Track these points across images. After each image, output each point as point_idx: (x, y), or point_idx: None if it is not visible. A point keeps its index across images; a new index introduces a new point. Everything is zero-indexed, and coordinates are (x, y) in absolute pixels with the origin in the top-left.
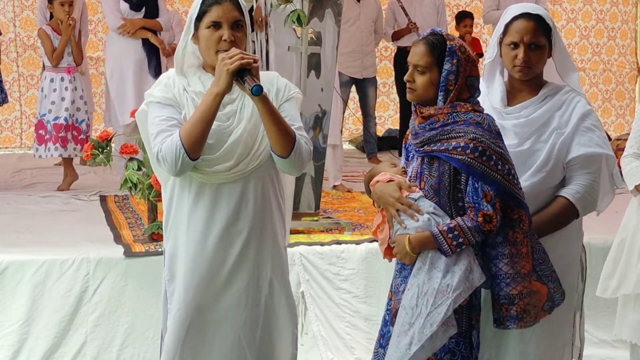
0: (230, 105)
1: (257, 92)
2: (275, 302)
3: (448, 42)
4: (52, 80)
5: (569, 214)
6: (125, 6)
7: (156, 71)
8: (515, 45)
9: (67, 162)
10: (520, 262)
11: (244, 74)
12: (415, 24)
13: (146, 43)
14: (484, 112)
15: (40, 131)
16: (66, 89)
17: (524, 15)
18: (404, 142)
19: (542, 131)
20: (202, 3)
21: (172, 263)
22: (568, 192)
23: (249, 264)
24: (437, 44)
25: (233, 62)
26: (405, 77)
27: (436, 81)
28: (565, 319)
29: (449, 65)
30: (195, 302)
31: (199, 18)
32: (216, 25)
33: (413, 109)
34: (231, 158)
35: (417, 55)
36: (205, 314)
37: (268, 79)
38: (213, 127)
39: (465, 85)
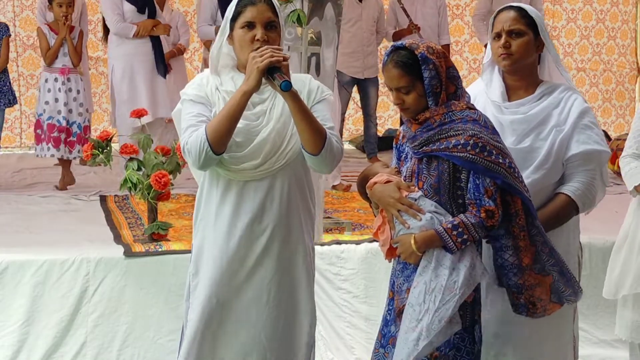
0: (261, 106)
1: (286, 88)
2: (297, 302)
3: (416, 52)
4: (46, 81)
5: (570, 210)
6: (130, 8)
7: (164, 71)
8: (499, 36)
9: (64, 163)
10: (520, 255)
11: (274, 72)
12: (416, 25)
13: (155, 44)
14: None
15: (38, 130)
16: (59, 90)
17: (506, 8)
18: (394, 143)
19: (541, 129)
20: (238, 4)
21: (198, 257)
22: (569, 189)
23: (272, 262)
24: (407, 61)
25: (263, 59)
26: (394, 102)
27: (423, 92)
28: (566, 317)
29: (427, 72)
30: (217, 296)
31: (234, 19)
32: (250, 25)
33: (405, 119)
34: (258, 156)
35: (395, 79)
36: (227, 309)
37: (300, 81)
38: (242, 125)
39: (448, 79)
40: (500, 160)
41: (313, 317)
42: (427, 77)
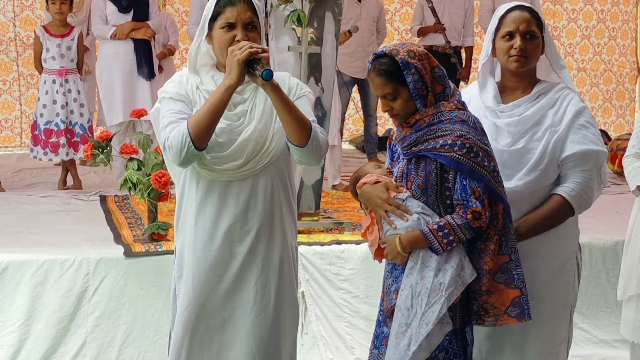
0: (241, 105)
1: (268, 77)
2: (283, 303)
3: (397, 58)
4: (44, 82)
5: (565, 211)
6: (113, 8)
7: (149, 74)
8: (511, 36)
9: (69, 164)
10: (485, 258)
11: (254, 64)
12: (442, 25)
13: (138, 46)
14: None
15: (35, 132)
16: (57, 92)
17: (519, 7)
18: (388, 143)
19: (536, 129)
20: (217, 4)
21: (181, 261)
22: (564, 190)
23: (257, 263)
24: (389, 69)
25: (242, 52)
26: (382, 110)
27: (409, 96)
28: (562, 317)
29: (410, 77)
30: (202, 300)
31: (213, 18)
32: (230, 26)
33: (397, 124)
34: (241, 156)
35: (379, 87)
36: (213, 313)
37: (280, 79)
38: (223, 125)
39: (434, 80)
40: (486, 164)
41: (296, 317)
42: (410, 82)
